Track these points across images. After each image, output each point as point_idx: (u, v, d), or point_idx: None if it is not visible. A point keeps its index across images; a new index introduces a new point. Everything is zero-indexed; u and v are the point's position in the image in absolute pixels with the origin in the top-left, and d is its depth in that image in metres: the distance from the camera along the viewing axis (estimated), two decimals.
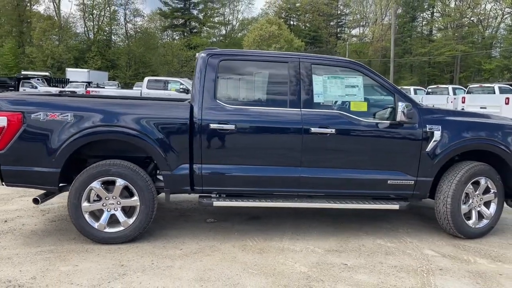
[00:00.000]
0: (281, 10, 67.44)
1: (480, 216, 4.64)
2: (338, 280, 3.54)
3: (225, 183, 4.32)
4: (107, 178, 4.09)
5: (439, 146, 4.41)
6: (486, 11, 51.58)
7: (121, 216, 4.15)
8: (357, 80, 4.50)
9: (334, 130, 4.28)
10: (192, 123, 4.17)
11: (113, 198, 4.14)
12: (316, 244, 4.34)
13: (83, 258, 3.83)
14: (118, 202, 4.15)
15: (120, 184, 4.10)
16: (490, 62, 46.20)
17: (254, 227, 4.81)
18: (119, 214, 4.16)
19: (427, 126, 4.40)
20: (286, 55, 4.62)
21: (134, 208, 4.17)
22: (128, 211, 4.22)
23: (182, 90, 18.89)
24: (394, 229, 4.90)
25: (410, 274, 3.69)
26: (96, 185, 4.08)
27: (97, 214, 4.19)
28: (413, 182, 4.44)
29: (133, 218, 4.16)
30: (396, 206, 4.48)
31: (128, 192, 4.18)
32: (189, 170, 4.20)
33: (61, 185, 4.21)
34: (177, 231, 4.59)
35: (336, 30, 68.54)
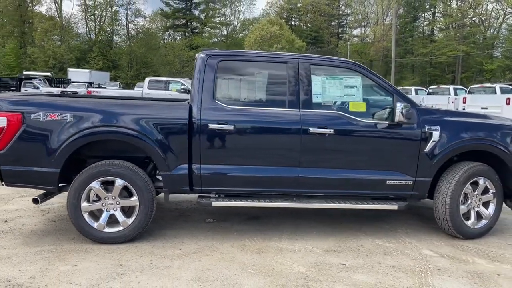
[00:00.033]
0: (282, 11, 67.48)
1: (479, 216, 4.64)
2: (336, 280, 3.55)
3: (224, 183, 4.33)
4: (107, 178, 4.11)
5: (438, 146, 4.41)
6: (487, 11, 51.55)
7: (120, 216, 4.17)
8: (355, 80, 4.51)
9: (333, 130, 4.28)
10: (191, 123, 4.18)
11: (112, 198, 4.15)
12: (314, 244, 4.35)
13: (82, 257, 3.84)
14: (117, 202, 4.17)
15: (119, 184, 4.11)
16: (491, 63, 46.13)
17: (253, 227, 4.82)
18: (118, 214, 4.17)
19: (426, 126, 4.41)
20: (285, 56, 4.63)
21: (133, 208, 4.19)
22: (127, 211, 4.24)
23: (183, 90, 18.91)
24: (393, 229, 4.91)
25: (408, 274, 3.70)
26: (95, 185, 4.09)
27: (96, 214, 4.20)
28: (411, 182, 4.44)
29: (132, 218, 4.17)
30: (394, 207, 4.49)
31: (127, 192, 4.19)
32: (188, 170, 4.22)
33: (60, 185, 4.24)
34: (176, 231, 4.60)
35: (337, 30, 68.56)
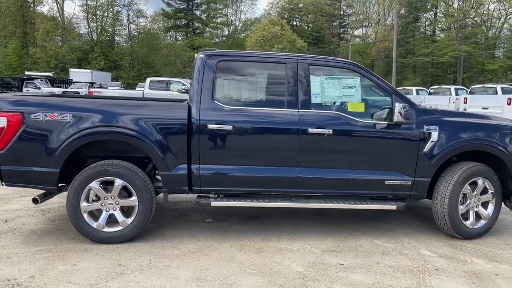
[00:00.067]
0: (284, 11, 67.47)
1: (477, 216, 4.64)
2: (334, 280, 3.56)
3: (223, 183, 4.34)
4: (106, 178, 4.12)
5: (437, 146, 4.42)
6: (489, 12, 51.43)
7: (119, 216, 4.18)
8: (354, 80, 4.52)
9: (332, 130, 4.29)
10: (190, 124, 4.19)
11: (111, 198, 4.17)
12: (313, 244, 4.36)
13: (82, 257, 3.86)
14: (117, 202, 4.18)
15: (118, 184, 4.13)
16: (493, 63, 46.05)
17: (252, 227, 4.83)
18: (118, 214, 4.19)
19: (425, 126, 4.41)
20: (284, 56, 4.64)
21: (133, 208, 4.20)
22: (126, 211, 4.25)
23: (184, 90, 18.94)
24: (392, 229, 4.91)
25: (406, 274, 3.71)
26: (95, 185, 4.11)
27: (96, 214, 4.22)
28: (410, 182, 4.45)
29: (131, 218, 4.19)
30: (393, 207, 4.49)
31: (126, 192, 4.21)
32: (187, 170, 4.23)
33: (60, 185, 4.25)
34: (175, 231, 4.62)
35: (339, 30, 68.53)
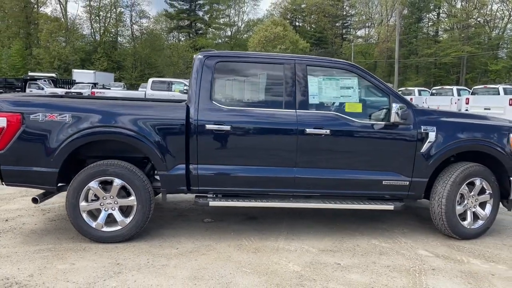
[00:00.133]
0: (286, 11, 67.52)
1: (475, 217, 4.65)
2: (330, 279, 3.58)
3: (221, 183, 4.36)
4: (105, 178, 4.16)
5: (434, 147, 4.43)
6: (492, 12, 51.33)
7: (118, 215, 4.21)
8: (352, 81, 4.54)
9: (329, 131, 4.31)
10: (188, 124, 4.22)
11: (110, 198, 4.20)
12: (311, 244, 4.38)
13: (81, 256, 3.89)
14: (116, 202, 4.22)
15: (117, 184, 4.16)
16: (496, 63, 45.91)
17: (251, 227, 4.85)
18: (117, 214, 4.22)
19: (422, 127, 4.43)
20: (281, 57, 4.66)
21: (131, 207, 4.23)
22: (125, 211, 4.28)
23: (186, 91, 18.98)
24: (390, 229, 4.93)
25: (402, 274, 3.72)
26: (93, 185, 4.14)
27: (95, 214, 4.26)
28: (408, 182, 4.46)
29: (130, 218, 4.22)
30: (391, 207, 4.51)
31: (125, 192, 4.24)
32: (185, 170, 4.26)
33: (59, 184, 4.29)
34: (174, 231, 4.65)
35: (341, 31, 68.50)
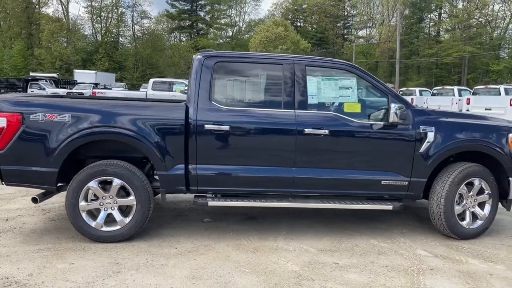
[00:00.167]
0: (287, 12, 67.50)
1: (474, 217, 4.65)
2: (329, 278, 3.59)
3: (220, 183, 4.37)
4: (104, 178, 4.17)
5: (433, 147, 4.43)
6: (494, 12, 51.29)
7: (117, 215, 4.23)
8: (351, 81, 4.54)
9: (328, 131, 4.32)
10: (187, 124, 4.23)
11: (110, 198, 4.21)
12: (309, 243, 4.39)
13: (80, 256, 3.91)
14: (115, 202, 4.23)
15: (116, 183, 4.17)
16: (498, 63, 45.87)
17: (250, 227, 4.86)
18: (116, 213, 4.23)
19: (421, 127, 4.43)
20: (281, 57, 4.67)
21: (131, 207, 4.25)
22: (124, 211, 4.30)
23: (186, 91, 19.00)
24: (389, 229, 4.93)
25: (400, 274, 3.73)
26: (93, 184, 4.16)
27: (94, 213, 4.27)
28: (406, 182, 4.46)
29: (129, 217, 4.23)
30: (389, 207, 4.51)
31: (124, 191, 4.25)
32: (184, 170, 4.27)
33: (59, 184, 4.30)
34: (173, 231, 4.66)
35: (343, 31, 68.49)
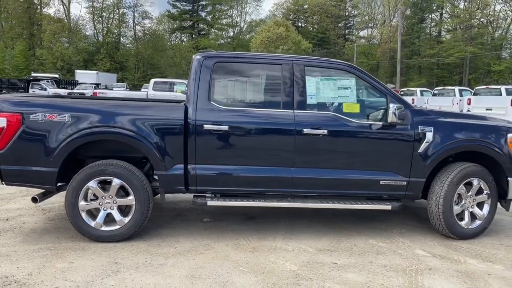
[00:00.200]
0: (289, 12, 67.54)
1: (473, 216, 4.65)
2: (327, 278, 3.60)
3: (219, 183, 4.39)
4: (104, 177, 4.18)
5: (431, 147, 4.44)
6: (495, 12, 51.22)
7: (117, 215, 4.24)
8: (349, 81, 4.55)
9: (327, 131, 4.33)
10: (186, 124, 4.25)
11: (109, 197, 4.23)
12: (308, 243, 4.40)
13: (79, 255, 3.92)
14: (114, 201, 4.25)
15: (116, 183, 4.19)
16: (499, 64, 45.82)
17: (250, 227, 4.87)
18: (115, 213, 4.25)
19: (419, 127, 4.44)
20: (280, 58, 4.68)
21: (130, 207, 4.26)
22: (124, 210, 4.31)
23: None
24: (388, 229, 4.94)
25: (398, 273, 3.73)
26: (92, 184, 4.18)
27: (94, 213, 4.29)
28: (405, 182, 4.47)
29: (128, 217, 4.25)
30: (388, 207, 4.52)
31: (124, 191, 4.27)
32: (183, 170, 4.28)
33: (59, 184, 4.31)
34: (173, 230, 4.68)
35: (344, 31, 68.51)
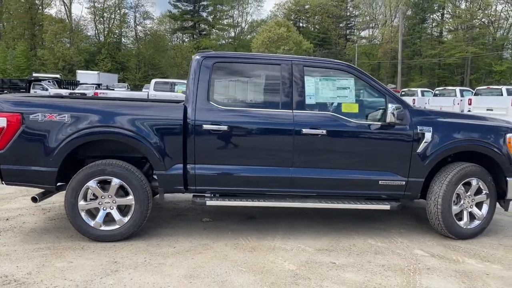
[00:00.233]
0: (290, 12, 67.53)
1: (471, 217, 4.66)
2: (325, 278, 3.61)
3: (218, 183, 4.40)
4: (103, 177, 4.20)
5: (430, 147, 4.45)
6: (497, 12, 51.17)
7: (116, 214, 4.26)
8: (348, 82, 4.56)
9: (325, 131, 4.34)
10: (185, 124, 4.26)
11: (108, 197, 4.25)
12: (307, 243, 4.41)
13: (79, 255, 3.94)
14: (114, 201, 4.26)
15: (115, 183, 4.20)
16: (501, 64, 45.77)
17: (249, 227, 4.88)
18: (115, 213, 4.27)
19: (418, 127, 4.45)
20: (279, 58, 4.69)
21: (129, 207, 4.28)
22: (123, 210, 4.33)
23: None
24: (387, 229, 4.95)
25: (396, 273, 3.74)
26: (92, 184, 4.19)
27: (93, 213, 4.31)
28: (404, 182, 4.48)
29: (128, 217, 4.26)
30: (387, 207, 4.53)
31: (123, 191, 4.28)
32: (182, 170, 4.30)
33: (59, 184, 4.33)
34: (172, 230, 4.69)
35: (345, 31, 68.47)
